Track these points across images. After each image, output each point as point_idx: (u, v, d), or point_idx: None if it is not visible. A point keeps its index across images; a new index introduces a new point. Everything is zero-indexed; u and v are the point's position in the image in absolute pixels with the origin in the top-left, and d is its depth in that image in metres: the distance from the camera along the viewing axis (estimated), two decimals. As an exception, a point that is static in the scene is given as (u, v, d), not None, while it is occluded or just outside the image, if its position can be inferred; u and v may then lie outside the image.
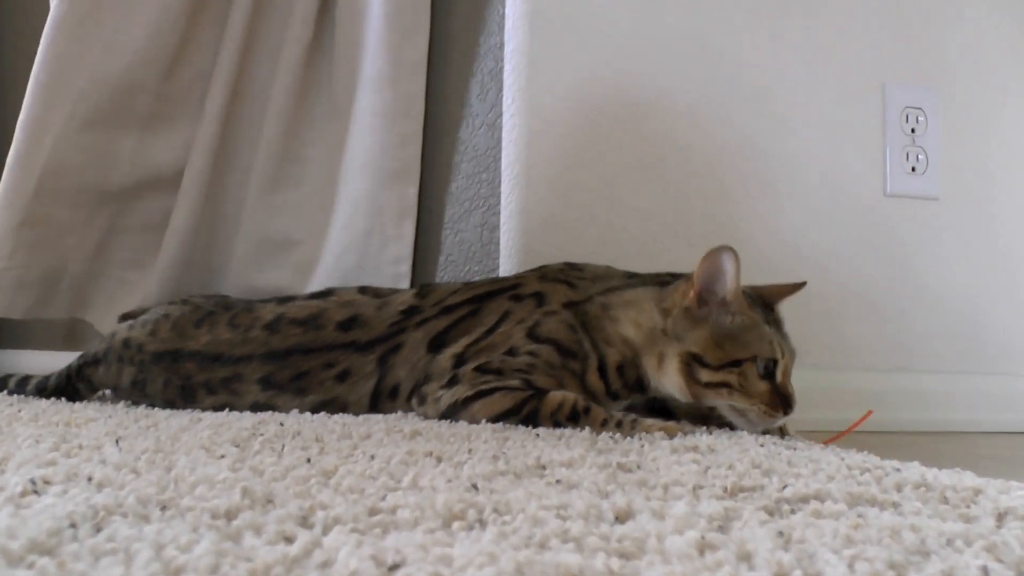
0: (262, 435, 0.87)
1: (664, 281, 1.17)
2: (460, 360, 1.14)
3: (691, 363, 1.08)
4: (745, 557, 0.46)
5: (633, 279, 1.21)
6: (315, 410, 1.19)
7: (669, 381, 1.11)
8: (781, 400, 1.07)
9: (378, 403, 1.19)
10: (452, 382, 1.11)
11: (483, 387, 1.08)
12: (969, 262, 1.71)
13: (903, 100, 1.68)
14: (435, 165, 1.62)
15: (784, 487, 0.65)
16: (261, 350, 1.23)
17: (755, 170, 1.60)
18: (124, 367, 1.29)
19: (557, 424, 1.02)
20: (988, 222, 1.73)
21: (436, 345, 1.18)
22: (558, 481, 0.66)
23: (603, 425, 1.00)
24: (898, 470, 0.76)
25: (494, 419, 1.05)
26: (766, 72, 1.61)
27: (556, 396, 1.04)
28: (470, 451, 0.80)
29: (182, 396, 1.25)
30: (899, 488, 0.68)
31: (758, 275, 1.24)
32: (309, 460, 0.72)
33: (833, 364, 1.59)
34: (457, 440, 0.87)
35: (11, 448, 0.74)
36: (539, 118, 1.49)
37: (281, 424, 0.98)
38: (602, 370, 1.13)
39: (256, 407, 1.21)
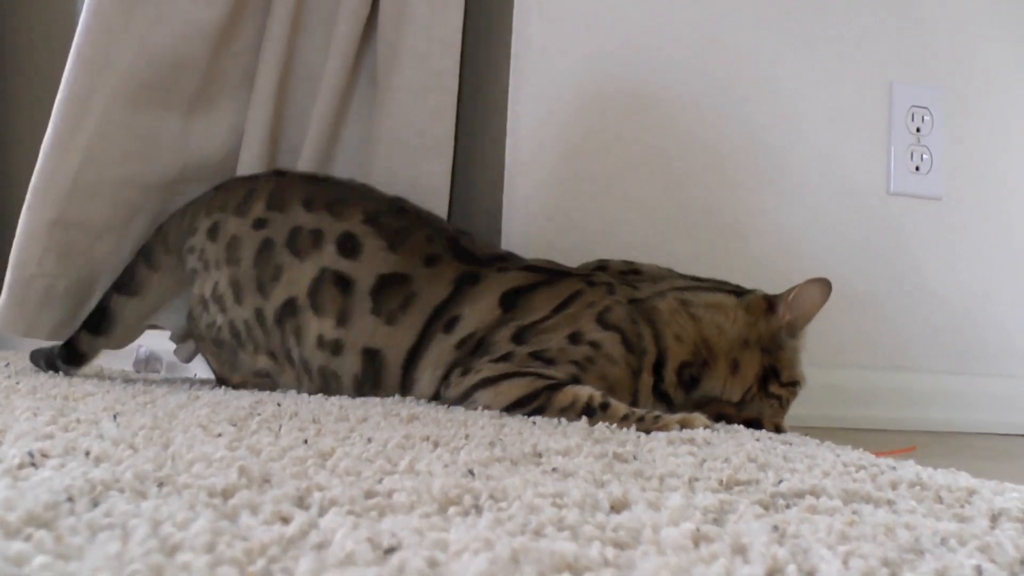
0: (259, 415, 0.87)
1: (735, 291, 1.20)
2: (520, 335, 1.12)
3: (769, 376, 1.15)
4: (740, 550, 0.46)
5: (703, 282, 1.21)
6: (379, 284, 1.18)
7: (738, 386, 1.15)
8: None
9: (432, 329, 1.16)
10: (504, 358, 1.09)
11: (521, 369, 1.06)
12: (971, 262, 1.71)
13: (910, 99, 1.67)
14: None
15: (779, 482, 0.65)
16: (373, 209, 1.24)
17: (758, 164, 1.59)
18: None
19: (577, 413, 0.99)
20: (991, 223, 1.73)
21: (508, 301, 1.15)
22: (554, 469, 0.66)
23: (624, 420, 0.96)
24: (893, 468, 0.76)
25: (505, 408, 1.03)
26: (773, 66, 1.60)
27: (570, 392, 1.01)
28: (467, 437, 0.80)
29: (264, 255, 1.22)
30: (894, 486, 0.68)
31: (758, 271, 1.25)
32: (306, 441, 0.72)
33: (832, 361, 1.59)
34: (454, 425, 0.88)
35: (8, 420, 0.74)
36: (543, 106, 1.49)
37: (279, 404, 0.98)
38: (657, 367, 1.13)
39: (318, 277, 1.19)
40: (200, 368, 1.47)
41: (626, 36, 1.53)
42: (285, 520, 0.47)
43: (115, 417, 0.80)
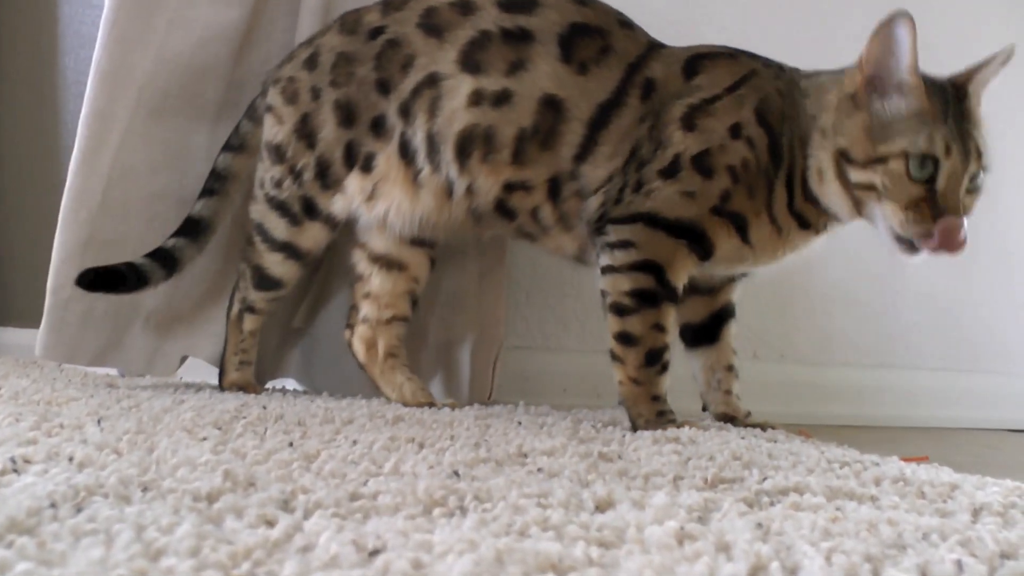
0: (244, 418, 0.87)
1: None
2: (690, 118, 1.01)
3: (841, 162, 0.95)
4: (724, 548, 0.46)
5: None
6: (571, 32, 1.09)
7: (831, 192, 0.97)
8: (932, 209, 0.93)
9: (628, 88, 1.06)
10: (668, 172, 1.00)
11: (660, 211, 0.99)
12: (955, 260, 1.71)
13: (892, 97, 1.68)
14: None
15: (764, 479, 0.66)
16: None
17: (743, 163, 1.60)
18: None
19: (642, 352, 0.98)
20: (975, 220, 1.74)
21: (691, 67, 1.06)
22: (539, 469, 0.67)
23: (654, 400, 0.98)
24: (877, 464, 0.77)
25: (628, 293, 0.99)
26: (756, 66, 1.61)
27: (660, 322, 0.99)
28: (452, 438, 0.81)
29: (387, 56, 1.15)
30: (877, 482, 0.69)
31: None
32: (291, 444, 0.72)
33: (818, 359, 1.60)
34: (439, 427, 0.88)
35: (-9, 426, 0.74)
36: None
37: (264, 407, 0.97)
38: (790, 183, 1.00)
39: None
40: (188, 372, 1.46)
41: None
42: (270, 523, 0.47)
43: (99, 422, 0.79)
